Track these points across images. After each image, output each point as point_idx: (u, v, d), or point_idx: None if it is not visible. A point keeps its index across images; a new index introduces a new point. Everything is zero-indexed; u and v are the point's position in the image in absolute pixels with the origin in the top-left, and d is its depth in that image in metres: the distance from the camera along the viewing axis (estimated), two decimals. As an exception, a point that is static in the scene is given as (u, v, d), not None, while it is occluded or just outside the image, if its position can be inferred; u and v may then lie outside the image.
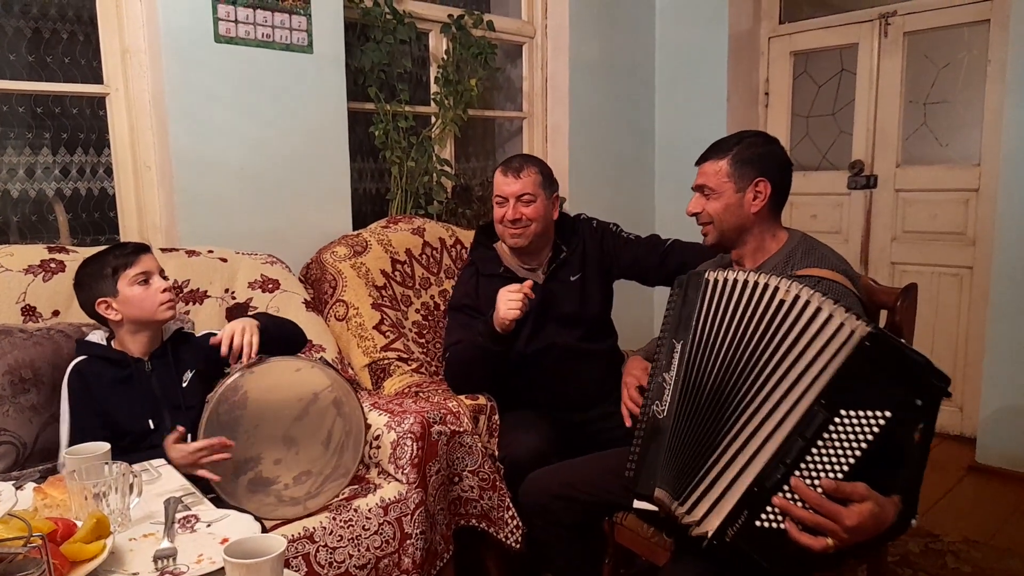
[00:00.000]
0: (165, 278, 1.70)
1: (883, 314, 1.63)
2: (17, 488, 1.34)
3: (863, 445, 1.12)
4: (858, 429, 1.12)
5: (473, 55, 3.01)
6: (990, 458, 2.95)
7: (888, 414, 1.10)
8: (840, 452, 1.14)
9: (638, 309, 3.59)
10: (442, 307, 2.53)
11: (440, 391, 2.10)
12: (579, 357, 2.16)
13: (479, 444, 1.93)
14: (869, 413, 1.12)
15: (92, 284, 1.65)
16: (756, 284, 1.30)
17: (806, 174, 3.63)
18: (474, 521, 1.94)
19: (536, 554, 1.90)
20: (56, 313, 1.88)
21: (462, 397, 2.04)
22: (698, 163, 1.64)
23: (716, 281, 1.37)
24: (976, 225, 3.18)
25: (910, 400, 1.11)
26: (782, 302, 1.25)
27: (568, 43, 3.37)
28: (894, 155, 3.38)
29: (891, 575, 2.21)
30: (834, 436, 1.14)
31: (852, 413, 1.13)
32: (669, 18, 3.71)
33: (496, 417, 2.06)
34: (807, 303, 1.22)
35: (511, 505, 1.94)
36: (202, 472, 1.50)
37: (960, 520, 2.58)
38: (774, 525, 1.18)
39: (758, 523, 1.19)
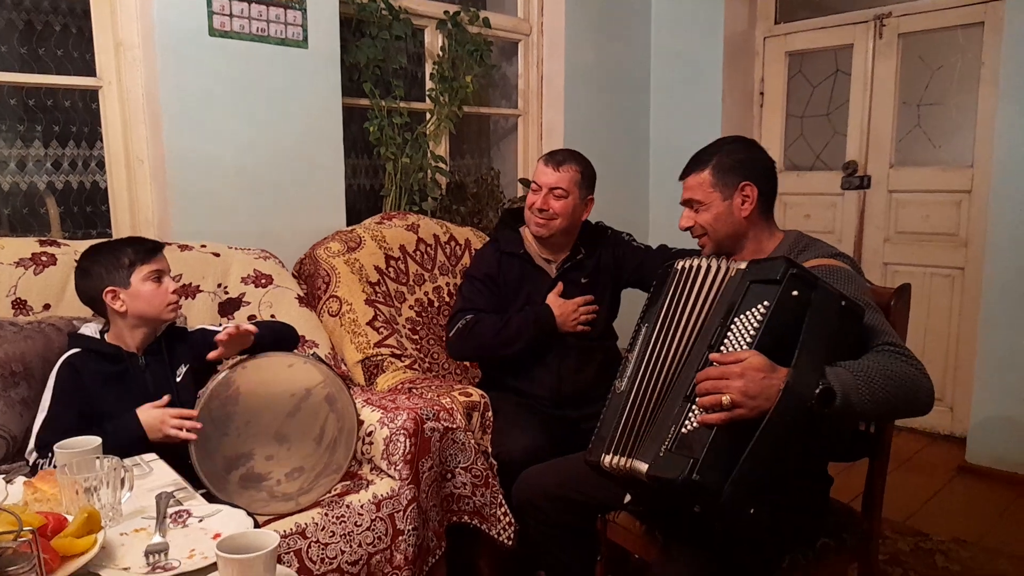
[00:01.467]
0: (173, 279, 1.71)
1: (876, 314, 1.63)
2: (7, 482, 1.33)
3: (752, 332, 1.30)
4: (748, 323, 1.32)
5: (469, 52, 3.00)
6: (980, 458, 2.96)
7: (767, 303, 1.30)
8: (737, 344, 1.31)
9: (637, 312, 3.59)
10: (436, 304, 2.53)
11: (433, 387, 2.10)
12: (575, 350, 2.18)
13: (472, 441, 1.93)
14: (753, 310, 1.32)
15: (103, 272, 1.64)
16: (708, 268, 1.46)
17: (800, 174, 3.64)
18: (467, 518, 1.94)
19: (529, 552, 1.90)
20: (47, 307, 1.87)
21: (456, 394, 2.04)
22: (681, 178, 1.66)
23: (683, 268, 1.50)
24: (968, 226, 3.20)
25: (786, 292, 1.28)
26: (715, 277, 1.43)
27: (564, 41, 3.37)
28: (887, 156, 3.40)
29: (881, 574, 2.22)
30: (731, 338, 1.32)
31: (742, 315, 1.33)
32: (665, 18, 3.72)
33: (489, 414, 2.06)
34: (725, 268, 1.42)
35: (504, 502, 1.94)
36: (172, 432, 1.51)
37: (950, 520, 2.59)
38: (695, 424, 1.29)
39: (684, 430, 1.30)
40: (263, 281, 2.21)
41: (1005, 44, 2.80)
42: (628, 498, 1.56)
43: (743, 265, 1.38)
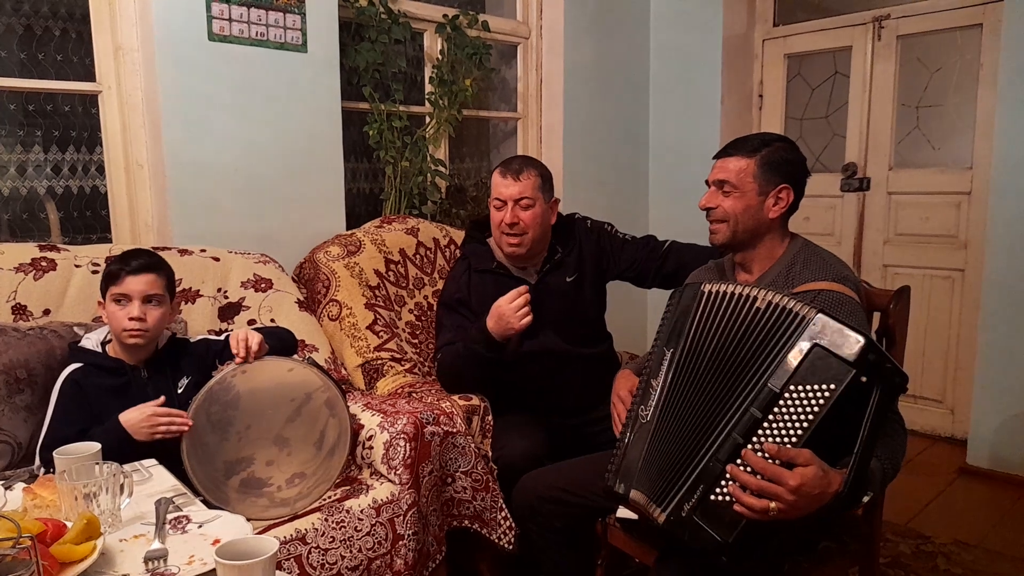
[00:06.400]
0: (156, 304, 1.65)
1: (876, 316, 1.63)
2: (7, 488, 1.33)
3: (810, 417, 1.19)
4: (806, 402, 1.19)
5: (468, 55, 3.01)
6: (981, 460, 2.96)
7: (833, 387, 1.17)
8: (790, 424, 1.20)
9: (632, 311, 3.59)
10: (435, 308, 2.52)
11: (433, 391, 2.09)
12: (573, 361, 2.15)
13: (472, 445, 1.93)
14: (816, 387, 1.19)
15: (103, 280, 1.68)
16: (741, 296, 1.35)
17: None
18: (467, 522, 1.93)
19: (529, 556, 1.89)
20: (47, 312, 1.87)
21: (455, 398, 2.03)
22: (718, 157, 1.60)
23: (710, 293, 1.41)
24: (968, 228, 3.19)
25: (855, 377, 1.16)
26: (757, 309, 1.31)
27: (563, 44, 3.37)
28: (887, 158, 3.40)
29: (882, 577, 2.22)
30: (784, 410, 1.21)
31: (801, 387, 1.20)
32: (663, 20, 3.72)
33: (489, 418, 2.06)
34: (774, 304, 1.29)
35: (504, 506, 1.94)
36: (161, 431, 1.50)
37: (951, 522, 2.59)
38: (727, 498, 1.22)
39: (713, 497, 1.24)
40: (263, 285, 2.21)
41: (1004, 45, 2.80)
42: (621, 512, 1.56)
43: (813, 315, 1.22)
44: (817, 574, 1.50)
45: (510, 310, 1.91)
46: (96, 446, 1.32)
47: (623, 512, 1.60)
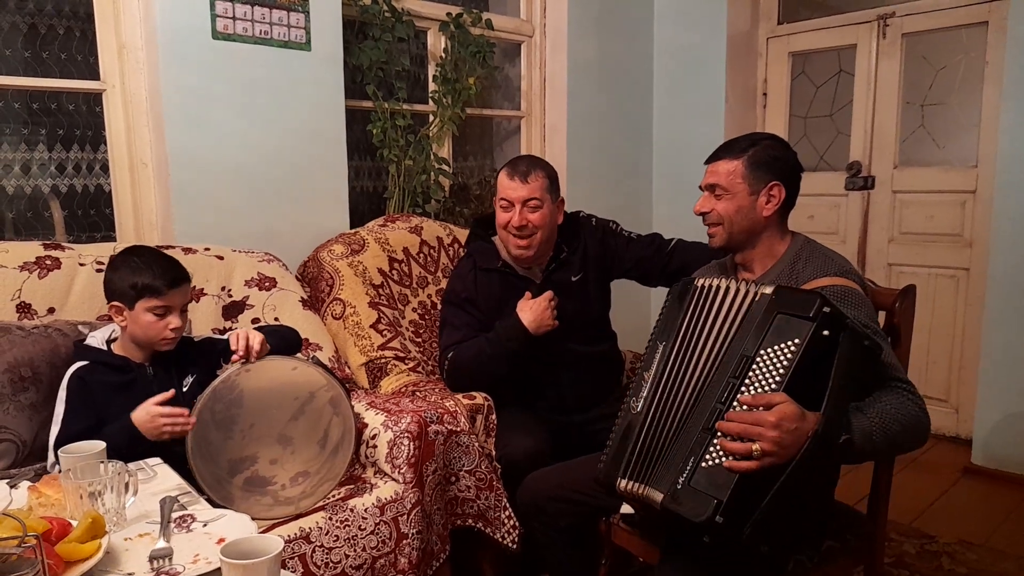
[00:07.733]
0: (184, 311, 1.70)
1: (881, 316, 1.63)
2: (12, 487, 1.33)
3: (781, 371, 1.27)
4: (777, 360, 1.29)
5: (471, 54, 3.00)
6: (986, 460, 2.95)
7: (797, 341, 1.27)
8: (764, 382, 1.29)
9: (636, 309, 3.59)
10: (439, 306, 2.52)
11: (437, 390, 2.09)
12: (578, 360, 2.15)
13: (476, 444, 1.93)
14: (782, 345, 1.29)
15: (117, 285, 1.65)
16: (729, 289, 1.42)
17: (803, 175, 3.60)
18: (471, 521, 1.94)
19: (533, 555, 1.89)
20: (51, 310, 1.87)
21: (459, 396, 2.03)
22: (708, 162, 1.62)
23: (703, 287, 1.46)
24: (973, 227, 3.19)
25: (817, 331, 1.26)
26: (736, 300, 1.40)
27: (566, 43, 3.37)
28: (891, 156, 3.39)
29: (887, 576, 2.22)
30: (758, 371, 1.30)
31: (770, 349, 1.30)
32: (667, 18, 3.71)
33: (493, 417, 2.05)
34: (745, 291, 1.38)
35: (508, 505, 1.94)
36: (167, 430, 1.50)
37: (955, 522, 2.58)
38: (718, 460, 1.27)
39: (704, 464, 1.28)
40: (267, 284, 2.21)
41: (1009, 44, 2.79)
42: (625, 508, 1.56)
43: (769, 290, 1.35)
44: (821, 574, 1.50)
45: (543, 311, 2.02)
46: (101, 444, 1.32)
47: (626, 508, 1.60)
